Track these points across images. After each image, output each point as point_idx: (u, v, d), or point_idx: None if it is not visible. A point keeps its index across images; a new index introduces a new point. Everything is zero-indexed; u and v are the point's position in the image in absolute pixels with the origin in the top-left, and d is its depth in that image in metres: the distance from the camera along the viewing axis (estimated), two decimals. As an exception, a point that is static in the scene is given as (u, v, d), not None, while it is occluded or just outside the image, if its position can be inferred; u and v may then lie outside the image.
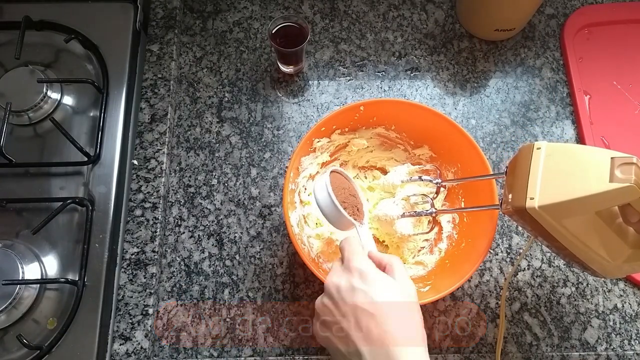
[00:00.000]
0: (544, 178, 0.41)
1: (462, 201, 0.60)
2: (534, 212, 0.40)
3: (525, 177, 0.42)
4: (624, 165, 0.36)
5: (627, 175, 0.36)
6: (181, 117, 0.68)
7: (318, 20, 0.73)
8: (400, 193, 0.60)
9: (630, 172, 0.36)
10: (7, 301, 0.53)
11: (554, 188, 0.40)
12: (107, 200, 0.59)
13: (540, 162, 0.41)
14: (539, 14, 0.74)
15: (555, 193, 0.39)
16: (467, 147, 0.56)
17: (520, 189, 0.42)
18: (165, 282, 0.60)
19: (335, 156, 0.63)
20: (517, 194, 0.42)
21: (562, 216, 0.40)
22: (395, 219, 0.58)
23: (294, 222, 0.55)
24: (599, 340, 0.59)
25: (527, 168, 0.42)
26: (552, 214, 0.40)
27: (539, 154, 0.42)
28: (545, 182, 0.40)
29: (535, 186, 0.40)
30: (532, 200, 0.40)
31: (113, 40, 0.65)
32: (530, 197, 0.40)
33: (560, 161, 0.41)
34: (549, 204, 0.39)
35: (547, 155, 0.41)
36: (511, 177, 0.45)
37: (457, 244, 0.58)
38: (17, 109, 0.60)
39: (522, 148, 0.44)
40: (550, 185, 0.40)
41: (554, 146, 0.42)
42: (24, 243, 0.57)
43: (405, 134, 0.62)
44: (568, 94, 0.70)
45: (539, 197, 0.40)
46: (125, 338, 0.56)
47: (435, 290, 0.52)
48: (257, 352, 0.57)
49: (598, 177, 0.37)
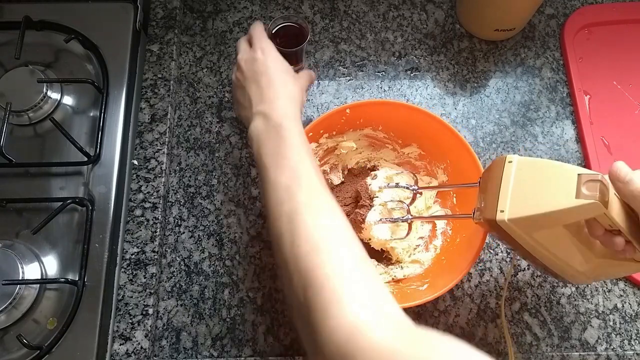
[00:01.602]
0: (514, 191, 0.42)
1: (454, 197, 0.60)
2: (504, 225, 0.42)
3: (496, 189, 0.43)
4: (589, 182, 0.38)
5: (593, 192, 0.38)
6: (181, 117, 0.68)
7: (318, 20, 0.73)
8: (378, 199, 0.60)
9: (596, 189, 0.38)
10: (7, 301, 0.53)
11: (524, 202, 0.41)
12: (107, 200, 0.59)
13: (511, 176, 0.43)
14: (539, 14, 0.74)
15: (525, 207, 0.41)
16: (455, 142, 0.56)
17: (492, 201, 0.43)
18: (165, 282, 0.60)
19: (324, 160, 0.63)
20: (488, 205, 0.44)
21: (532, 229, 0.42)
22: (373, 225, 0.58)
23: None
24: (599, 340, 0.59)
25: (499, 181, 0.43)
26: (522, 226, 0.42)
27: (510, 168, 0.43)
28: (515, 195, 0.42)
29: (506, 199, 0.42)
30: (502, 213, 0.42)
31: (113, 40, 0.65)
32: (501, 210, 0.42)
33: (530, 175, 0.42)
34: (519, 217, 0.41)
35: (518, 169, 0.43)
36: (484, 188, 0.47)
37: (452, 239, 0.59)
38: (17, 109, 0.60)
39: (495, 160, 0.46)
40: (520, 199, 0.41)
41: (524, 160, 0.43)
42: (24, 243, 0.57)
43: (393, 133, 0.62)
44: (568, 94, 0.70)
45: (508, 210, 0.41)
46: (125, 338, 0.56)
47: (434, 289, 0.52)
48: (257, 352, 0.57)
49: (565, 192, 0.39)
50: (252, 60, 0.53)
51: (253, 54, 0.53)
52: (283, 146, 0.46)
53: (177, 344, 0.58)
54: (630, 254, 0.44)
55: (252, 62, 0.53)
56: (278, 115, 0.48)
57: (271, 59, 0.53)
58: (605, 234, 0.43)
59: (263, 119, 0.49)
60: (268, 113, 0.49)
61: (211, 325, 0.59)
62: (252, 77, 0.52)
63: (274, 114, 0.48)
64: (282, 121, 0.47)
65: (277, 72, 0.52)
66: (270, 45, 0.55)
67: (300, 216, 0.41)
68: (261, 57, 0.53)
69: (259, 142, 0.48)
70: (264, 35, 0.56)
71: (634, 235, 0.41)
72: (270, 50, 0.54)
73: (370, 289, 0.37)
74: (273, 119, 0.48)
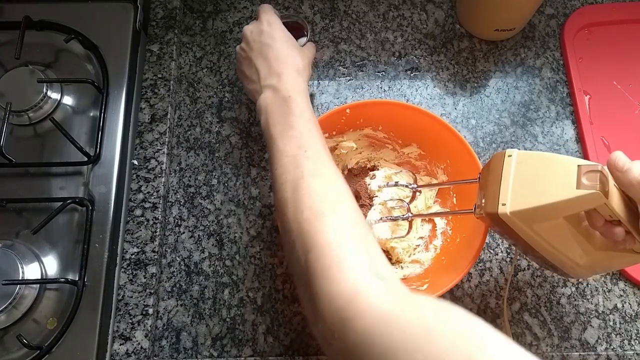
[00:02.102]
0: (514, 185, 0.42)
1: (454, 197, 0.60)
2: (506, 218, 0.42)
3: (497, 184, 0.43)
4: (589, 173, 0.38)
5: (593, 182, 0.38)
6: (181, 117, 0.68)
7: (318, 20, 0.73)
8: (377, 198, 0.60)
9: (596, 179, 0.38)
10: (7, 301, 0.53)
11: (525, 194, 0.42)
12: (107, 200, 0.59)
13: (511, 169, 0.43)
14: (539, 14, 0.74)
15: (526, 199, 0.41)
16: (455, 142, 0.56)
17: (493, 195, 0.44)
18: (165, 282, 0.60)
19: None
20: (489, 200, 0.44)
21: (533, 221, 0.42)
22: (373, 224, 0.58)
23: None
24: (599, 340, 0.59)
25: (499, 175, 0.44)
26: (523, 219, 0.42)
27: (510, 162, 0.43)
28: (516, 188, 0.42)
29: (507, 193, 0.42)
30: (504, 207, 0.42)
31: (113, 40, 0.65)
32: (502, 203, 0.42)
33: (531, 168, 0.42)
34: (520, 209, 0.41)
35: (518, 163, 0.43)
36: (484, 183, 0.47)
37: (452, 239, 0.59)
38: (17, 109, 0.60)
39: (494, 155, 0.46)
40: (521, 192, 0.42)
41: (524, 154, 0.43)
42: (24, 243, 0.57)
43: (393, 133, 0.62)
44: (568, 94, 0.70)
45: (510, 203, 0.42)
46: (125, 338, 0.56)
47: (434, 288, 0.52)
48: (257, 352, 0.57)
49: (566, 184, 0.39)
50: (258, 32, 0.54)
51: (260, 26, 0.54)
52: (291, 117, 0.47)
53: (177, 344, 0.58)
54: (630, 245, 0.44)
55: (258, 34, 0.54)
56: (287, 89, 0.49)
57: (278, 31, 0.54)
58: (605, 224, 0.43)
59: (272, 92, 0.50)
60: (277, 86, 0.50)
61: (211, 325, 0.59)
62: (258, 49, 0.53)
63: (283, 87, 0.50)
64: (291, 94, 0.49)
65: (283, 45, 0.53)
66: (277, 18, 0.55)
67: (305, 183, 0.42)
68: (267, 29, 0.53)
69: (267, 114, 0.49)
70: (271, 10, 0.56)
71: (633, 225, 0.41)
72: (276, 23, 0.55)
73: (369, 255, 0.38)
74: (282, 92, 0.49)
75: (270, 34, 0.53)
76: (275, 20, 0.55)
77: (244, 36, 0.55)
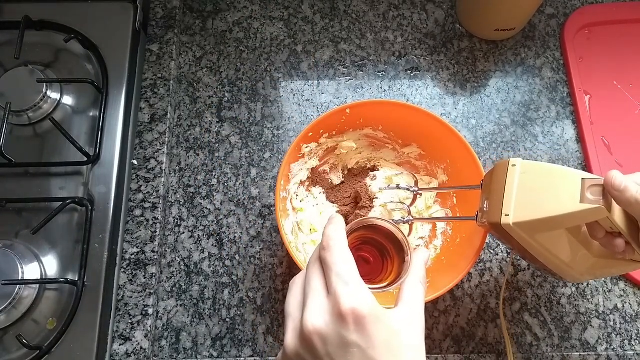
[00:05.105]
0: (518, 195, 0.42)
1: (454, 197, 0.60)
2: (509, 228, 0.42)
3: (500, 193, 0.43)
4: (593, 187, 0.39)
5: (597, 197, 0.39)
6: (181, 117, 0.68)
7: (318, 20, 0.73)
8: (378, 200, 0.60)
9: (599, 193, 0.39)
10: (7, 301, 0.53)
11: (528, 206, 0.42)
12: (106, 200, 0.59)
13: (515, 180, 0.43)
14: (539, 14, 0.74)
15: (529, 211, 0.41)
16: (455, 142, 0.56)
17: (496, 204, 0.44)
18: (165, 282, 0.60)
19: (324, 160, 0.63)
20: (492, 209, 0.44)
21: (535, 232, 0.43)
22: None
23: (287, 230, 0.56)
24: (599, 340, 0.59)
25: (503, 185, 0.44)
26: (526, 230, 0.42)
27: (514, 171, 0.44)
28: (520, 199, 0.42)
29: (510, 203, 0.42)
30: (507, 217, 0.42)
31: (113, 40, 0.65)
32: (506, 214, 0.42)
33: (534, 179, 0.42)
34: (523, 221, 0.41)
35: (522, 173, 0.43)
36: (487, 191, 0.47)
37: (452, 239, 0.59)
38: (16, 109, 0.60)
39: (497, 164, 0.46)
40: (524, 203, 0.42)
41: (528, 164, 0.44)
42: (24, 243, 0.57)
43: (393, 133, 0.62)
44: (568, 93, 0.70)
45: (513, 214, 0.42)
46: (125, 338, 0.56)
47: (434, 289, 0.52)
48: (257, 352, 0.57)
49: (570, 197, 0.39)
50: (340, 343, 0.30)
51: (341, 328, 0.30)
52: None
53: (177, 344, 0.58)
54: (630, 255, 0.45)
55: (342, 348, 0.30)
56: None
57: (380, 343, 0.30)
58: (606, 235, 0.43)
59: None
60: None
61: (211, 326, 0.58)
62: None
63: None
64: None
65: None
66: (369, 298, 0.31)
67: None
68: (360, 341, 0.30)
69: None
70: (356, 273, 0.32)
71: (634, 238, 0.42)
72: (369, 317, 0.30)
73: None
74: None
75: (364, 352, 0.30)
76: (366, 302, 0.30)
77: (308, 342, 0.31)
